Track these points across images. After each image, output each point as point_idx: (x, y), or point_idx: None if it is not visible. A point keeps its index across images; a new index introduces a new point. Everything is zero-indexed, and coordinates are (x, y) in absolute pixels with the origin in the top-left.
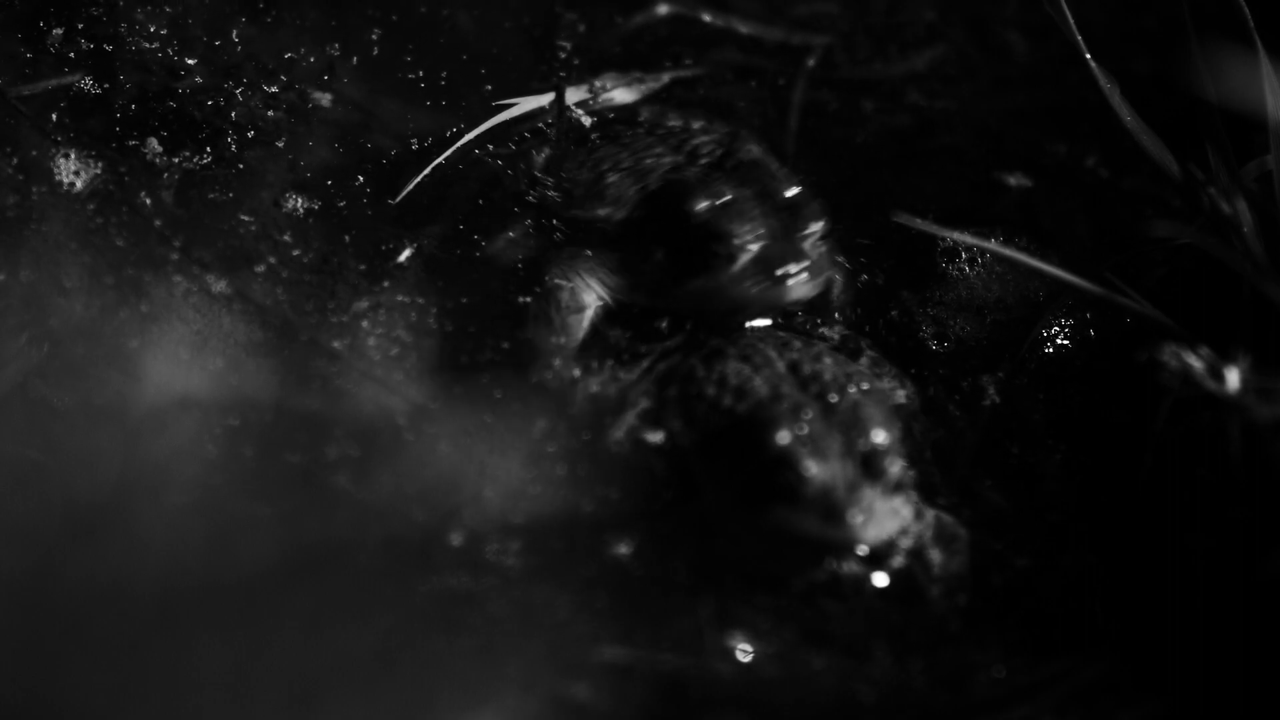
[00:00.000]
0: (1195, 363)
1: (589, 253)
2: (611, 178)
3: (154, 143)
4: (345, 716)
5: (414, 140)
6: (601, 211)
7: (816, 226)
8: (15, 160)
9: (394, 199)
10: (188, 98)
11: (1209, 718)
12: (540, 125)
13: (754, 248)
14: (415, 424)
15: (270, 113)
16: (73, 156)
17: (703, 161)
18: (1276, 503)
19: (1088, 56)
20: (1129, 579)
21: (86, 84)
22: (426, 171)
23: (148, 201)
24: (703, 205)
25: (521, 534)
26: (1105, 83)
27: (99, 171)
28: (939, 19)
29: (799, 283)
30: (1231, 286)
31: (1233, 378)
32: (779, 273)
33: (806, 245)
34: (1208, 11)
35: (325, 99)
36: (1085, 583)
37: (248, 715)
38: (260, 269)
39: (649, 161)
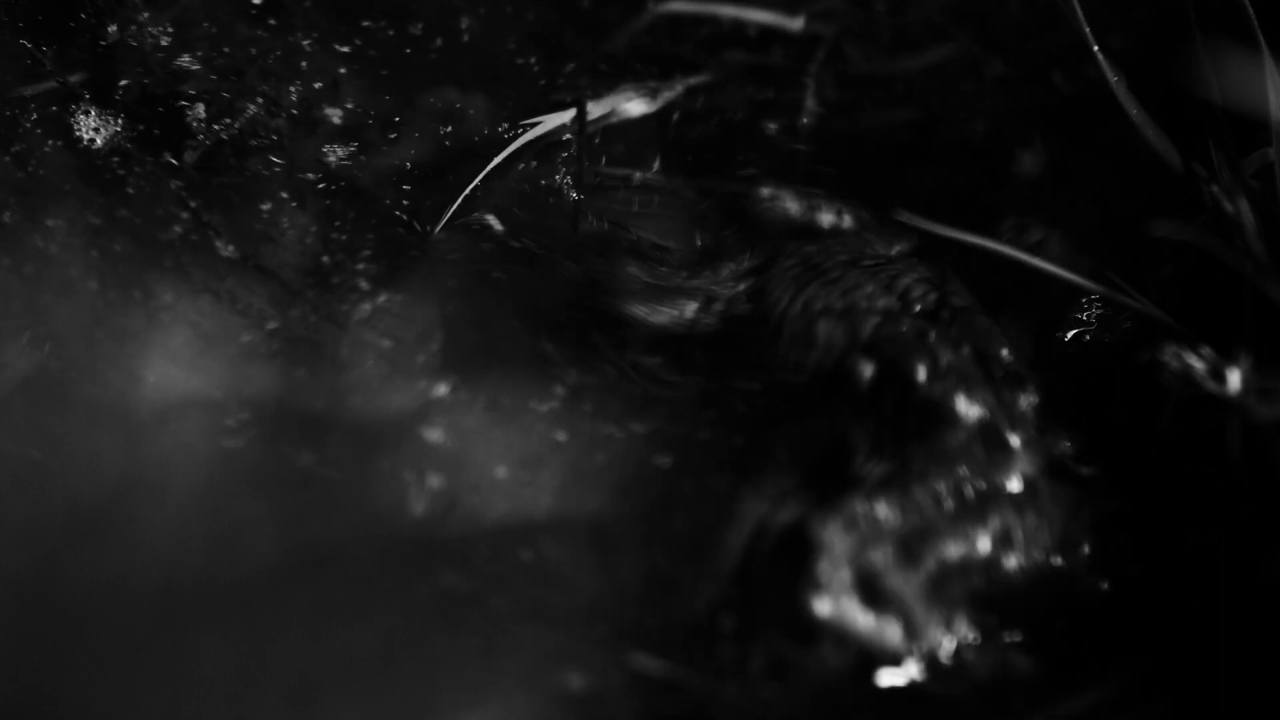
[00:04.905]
0: (1196, 363)
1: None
2: (823, 323)
3: (157, 140)
4: (347, 716)
5: (427, 148)
6: (810, 358)
7: (1030, 401)
8: (13, 160)
9: (434, 229)
10: (191, 98)
11: (1209, 718)
12: (565, 139)
13: (975, 417)
14: (418, 423)
15: (276, 119)
16: (76, 150)
17: (916, 309)
18: (1277, 503)
19: (1095, 48)
20: (1130, 578)
21: (89, 84)
22: (463, 197)
23: (151, 196)
24: (923, 373)
25: (525, 532)
26: (1112, 75)
27: (103, 163)
28: (945, 15)
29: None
30: (1234, 286)
31: (1234, 378)
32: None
33: (1027, 412)
34: (1211, 9)
35: (334, 112)
36: (1086, 582)
37: (249, 714)
38: (262, 268)
39: (862, 304)
